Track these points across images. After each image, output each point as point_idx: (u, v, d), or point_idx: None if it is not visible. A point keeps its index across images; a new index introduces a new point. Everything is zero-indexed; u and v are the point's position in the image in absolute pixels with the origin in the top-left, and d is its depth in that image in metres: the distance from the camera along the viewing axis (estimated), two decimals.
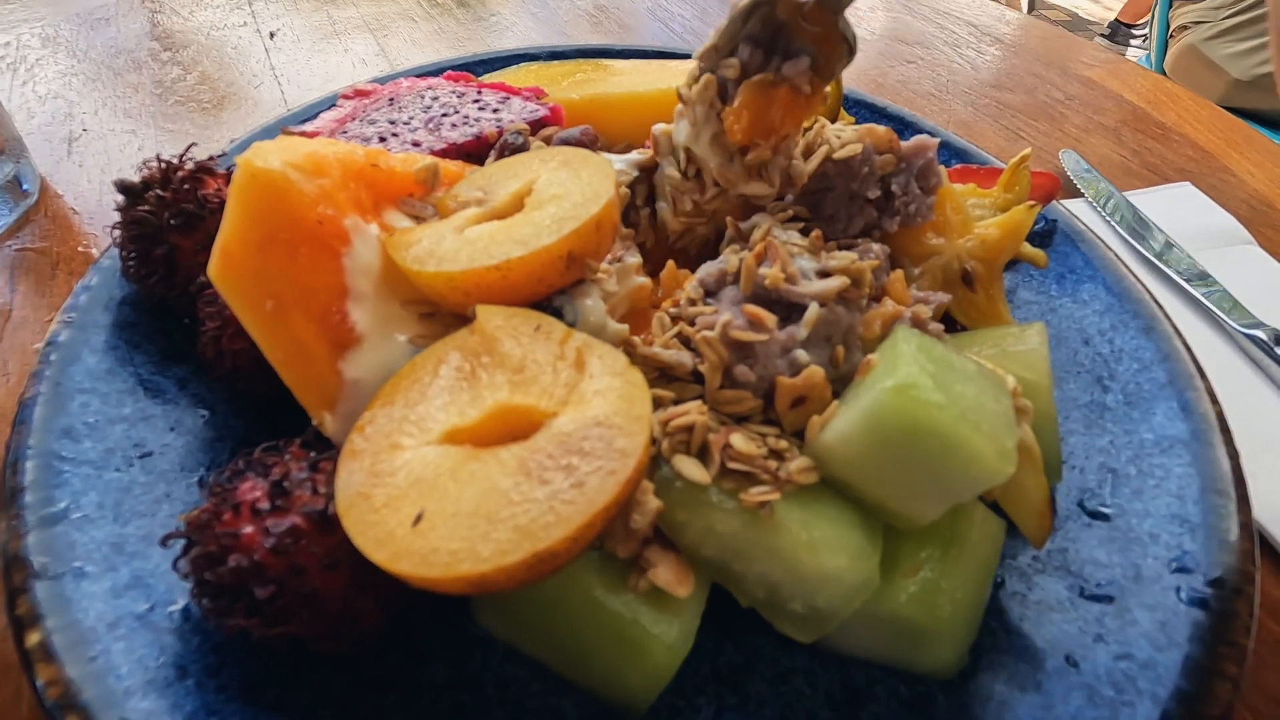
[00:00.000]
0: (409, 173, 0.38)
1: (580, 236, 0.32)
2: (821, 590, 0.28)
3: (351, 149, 0.36)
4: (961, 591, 0.29)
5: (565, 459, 0.25)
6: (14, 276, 0.54)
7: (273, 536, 0.26)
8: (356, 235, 0.34)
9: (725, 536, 0.29)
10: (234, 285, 0.32)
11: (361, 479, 0.26)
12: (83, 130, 0.69)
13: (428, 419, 0.27)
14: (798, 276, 0.35)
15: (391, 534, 0.24)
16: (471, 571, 0.23)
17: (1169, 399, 0.42)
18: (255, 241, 0.31)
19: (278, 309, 0.32)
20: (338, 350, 0.34)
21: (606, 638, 0.28)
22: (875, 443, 0.28)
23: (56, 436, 0.35)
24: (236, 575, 0.26)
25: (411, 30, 0.90)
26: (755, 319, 0.33)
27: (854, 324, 0.35)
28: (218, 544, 0.26)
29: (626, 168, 0.42)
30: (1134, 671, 0.30)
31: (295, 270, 0.32)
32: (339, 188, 0.34)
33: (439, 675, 0.32)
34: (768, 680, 0.32)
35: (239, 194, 0.31)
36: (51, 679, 0.27)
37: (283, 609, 0.26)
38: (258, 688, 0.29)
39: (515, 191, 0.35)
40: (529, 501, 0.24)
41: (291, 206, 0.32)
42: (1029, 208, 0.43)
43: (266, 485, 0.28)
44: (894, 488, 0.29)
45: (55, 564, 0.30)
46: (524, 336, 0.29)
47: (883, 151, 0.43)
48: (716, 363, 0.33)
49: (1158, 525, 0.36)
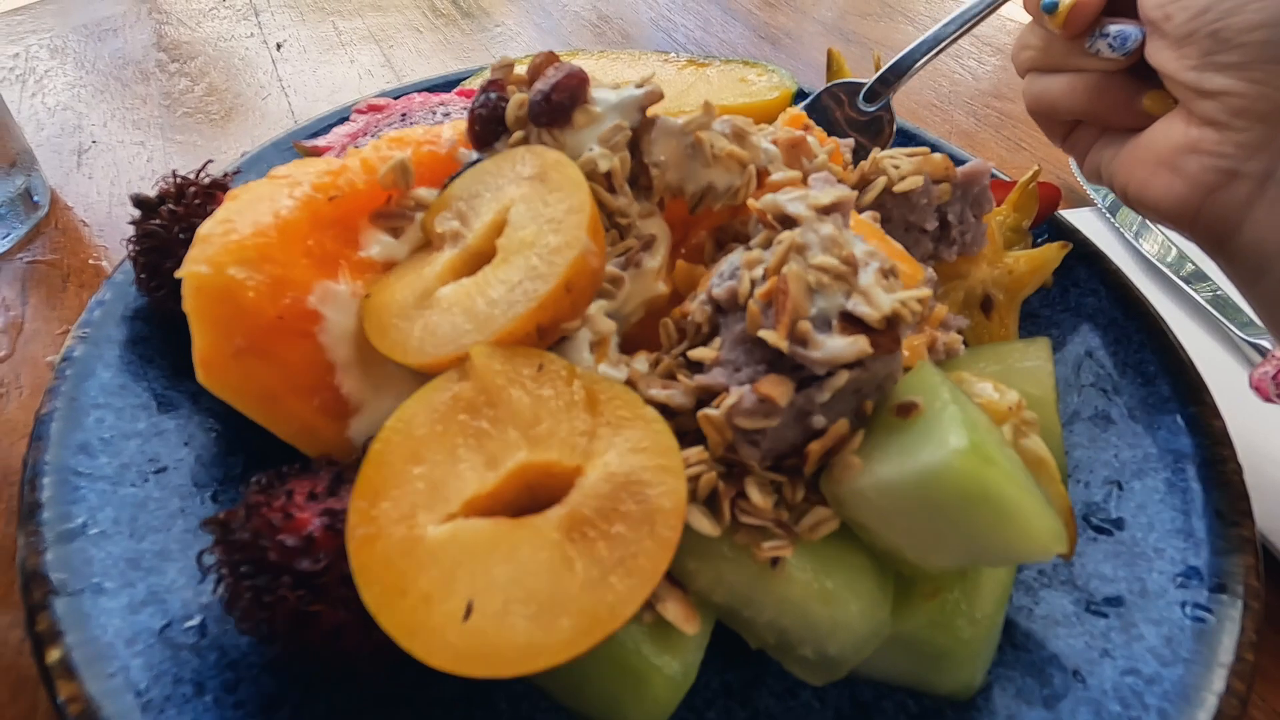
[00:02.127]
0: (374, 181, 0.36)
1: (545, 309, 0.29)
2: (833, 638, 0.28)
3: (295, 196, 0.33)
4: (981, 612, 0.29)
5: (610, 527, 0.25)
6: (25, 289, 0.55)
7: (329, 515, 0.26)
8: (327, 306, 0.33)
9: (735, 586, 0.29)
10: (224, 389, 0.32)
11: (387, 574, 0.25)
12: (92, 142, 0.69)
13: (443, 489, 0.27)
14: (810, 335, 0.27)
15: (442, 634, 0.24)
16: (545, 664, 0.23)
17: (1173, 413, 0.42)
18: (228, 352, 0.31)
19: (271, 400, 0.32)
20: (339, 420, 0.33)
21: (608, 667, 0.28)
22: (924, 500, 0.26)
23: (73, 452, 0.35)
24: (285, 551, 0.26)
25: (417, 41, 0.91)
26: (768, 400, 0.27)
27: (893, 373, 0.30)
28: (267, 525, 0.27)
29: (619, 122, 0.36)
30: (1140, 687, 0.31)
31: (274, 366, 0.32)
32: (292, 261, 0.32)
33: (450, 692, 0.32)
34: (776, 695, 0.32)
35: (195, 310, 0.30)
36: (72, 695, 0.27)
37: (326, 586, 0.26)
38: (274, 704, 0.30)
39: (490, 223, 0.33)
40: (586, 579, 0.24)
41: (246, 311, 0.30)
42: (1060, 246, 0.43)
43: (327, 477, 0.28)
44: (921, 540, 0.28)
45: (74, 580, 0.30)
46: (529, 381, 0.29)
47: (939, 180, 0.42)
48: (719, 441, 0.29)
49: (1162, 539, 0.37)
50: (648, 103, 0.36)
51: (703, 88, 0.57)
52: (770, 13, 1.06)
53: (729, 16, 1.04)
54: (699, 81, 0.58)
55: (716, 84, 0.57)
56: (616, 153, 0.36)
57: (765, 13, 1.06)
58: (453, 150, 0.39)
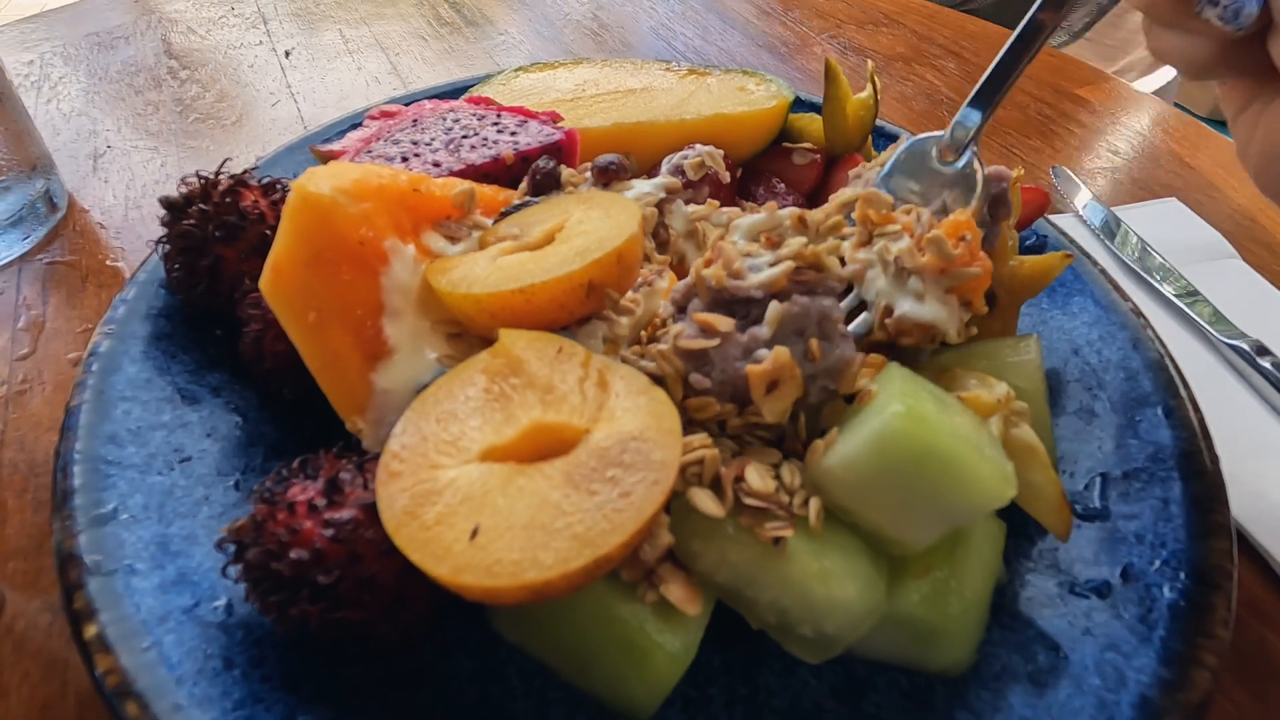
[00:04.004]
0: (447, 196, 0.40)
1: (601, 267, 0.34)
2: (830, 617, 0.30)
3: (396, 174, 0.38)
4: (970, 590, 0.31)
5: (608, 471, 0.27)
6: (46, 289, 0.56)
7: (332, 527, 0.28)
8: (394, 256, 0.36)
9: (738, 566, 0.31)
10: (281, 297, 0.34)
11: (407, 500, 0.27)
12: (107, 147, 0.71)
13: (464, 439, 0.29)
14: (744, 271, 0.34)
15: (449, 549, 0.26)
16: (536, 579, 0.25)
17: (1154, 407, 0.44)
18: (303, 259, 0.34)
19: (319, 321, 0.35)
20: (370, 361, 0.36)
21: (613, 644, 0.30)
22: (881, 466, 0.30)
23: (102, 442, 0.37)
24: (298, 566, 0.28)
25: (422, 49, 0.93)
26: (705, 325, 0.33)
27: (828, 312, 0.34)
28: (276, 541, 0.28)
29: (654, 190, 0.45)
30: (1119, 662, 0.32)
31: (337, 286, 0.35)
32: (381, 212, 0.36)
33: (465, 668, 0.33)
34: (776, 672, 0.34)
35: (291, 215, 0.34)
36: (109, 668, 0.29)
37: (344, 594, 0.28)
38: (299, 679, 0.31)
39: (548, 229, 0.38)
40: (581, 512, 0.26)
41: (337, 228, 0.34)
42: (1063, 256, 0.45)
43: (320, 484, 0.30)
44: (894, 513, 0.30)
45: (107, 561, 0.32)
46: (548, 358, 0.31)
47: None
48: (673, 374, 0.33)
49: (1143, 526, 0.38)
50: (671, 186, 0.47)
51: (702, 96, 0.59)
52: (768, 22, 1.09)
53: (728, 25, 1.06)
54: (699, 90, 0.60)
55: (716, 93, 0.59)
56: (648, 207, 0.45)
57: (763, 22, 1.09)
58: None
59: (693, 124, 0.56)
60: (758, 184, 0.58)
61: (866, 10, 1.13)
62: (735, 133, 0.57)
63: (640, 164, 0.55)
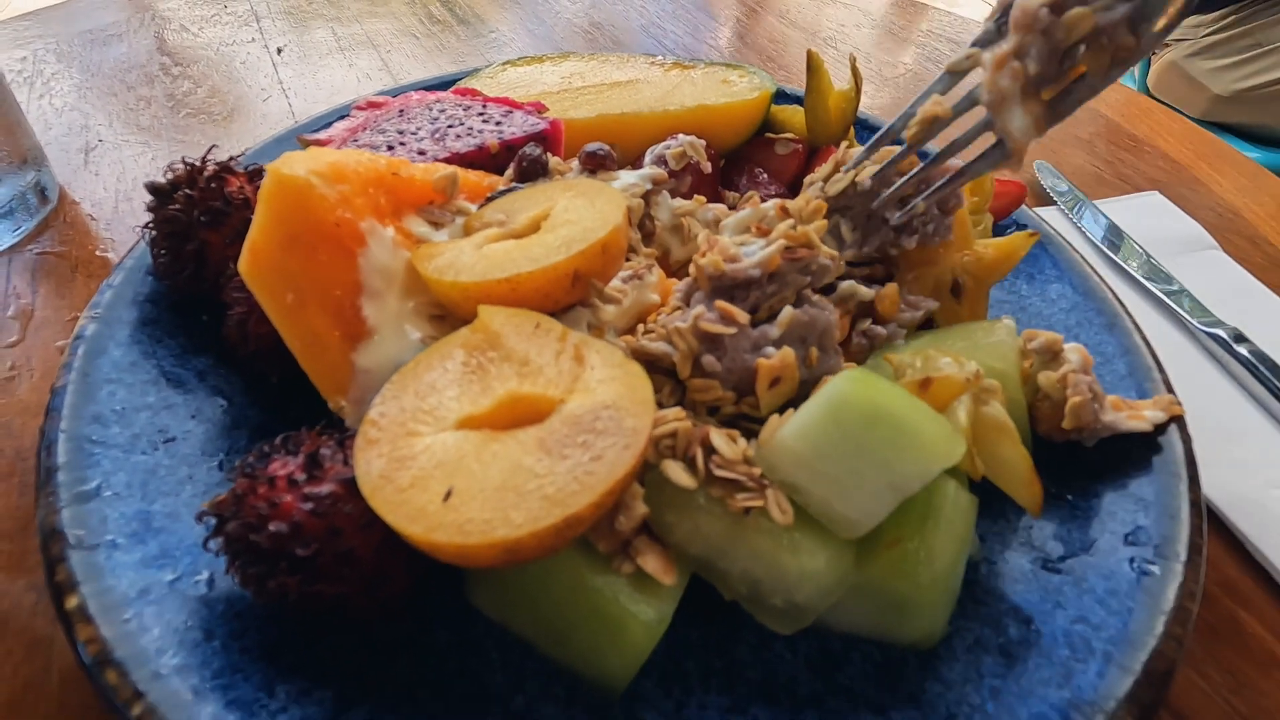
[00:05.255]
0: (429, 181, 0.41)
1: (586, 257, 0.35)
2: (800, 587, 0.31)
3: (375, 158, 0.39)
4: (940, 561, 0.31)
5: (581, 437, 0.28)
6: (35, 279, 0.57)
7: (311, 501, 0.28)
8: (372, 237, 0.37)
9: (711, 536, 0.31)
10: (260, 279, 0.34)
11: (383, 464, 0.28)
12: (98, 141, 0.72)
13: (441, 408, 0.30)
14: (739, 256, 0.37)
15: (423, 510, 0.26)
16: (507, 537, 0.25)
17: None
18: (279, 241, 0.34)
19: (297, 302, 0.35)
20: (350, 342, 0.36)
21: (588, 615, 0.30)
22: (832, 431, 0.30)
23: (86, 422, 0.37)
24: (277, 539, 0.28)
25: (414, 46, 0.94)
26: (726, 314, 0.36)
27: (830, 327, 0.37)
28: (255, 514, 0.29)
29: (640, 181, 0.45)
30: (1088, 633, 0.33)
31: (314, 267, 0.35)
32: (358, 193, 0.36)
33: (444, 640, 0.34)
34: (751, 646, 0.35)
35: (267, 198, 0.34)
36: (89, 638, 0.29)
37: (322, 567, 0.28)
38: (277, 650, 0.31)
39: (534, 216, 0.39)
40: (553, 474, 0.27)
41: (312, 210, 0.34)
42: (1028, 235, 0.46)
43: (300, 459, 0.30)
44: (844, 483, 0.30)
45: (89, 536, 0.32)
46: (526, 333, 0.32)
47: (902, 173, 0.45)
48: (686, 352, 0.36)
49: (1114, 503, 0.39)
50: (658, 178, 0.47)
51: (686, 88, 0.60)
52: (754, 19, 1.10)
53: (716, 23, 1.07)
54: (683, 82, 0.61)
55: (700, 85, 0.60)
56: (634, 198, 0.45)
57: (750, 20, 1.10)
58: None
59: (676, 115, 0.57)
60: (740, 174, 0.58)
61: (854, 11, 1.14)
62: (718, 123, 0.57)
63: (624, 155, 0.56)
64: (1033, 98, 0.37)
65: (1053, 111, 0.36)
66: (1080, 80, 0.36)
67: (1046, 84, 0.36)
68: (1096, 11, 0.33)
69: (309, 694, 0.30)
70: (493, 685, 0.32)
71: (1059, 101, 0.36)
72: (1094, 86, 0.35)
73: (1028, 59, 0.36)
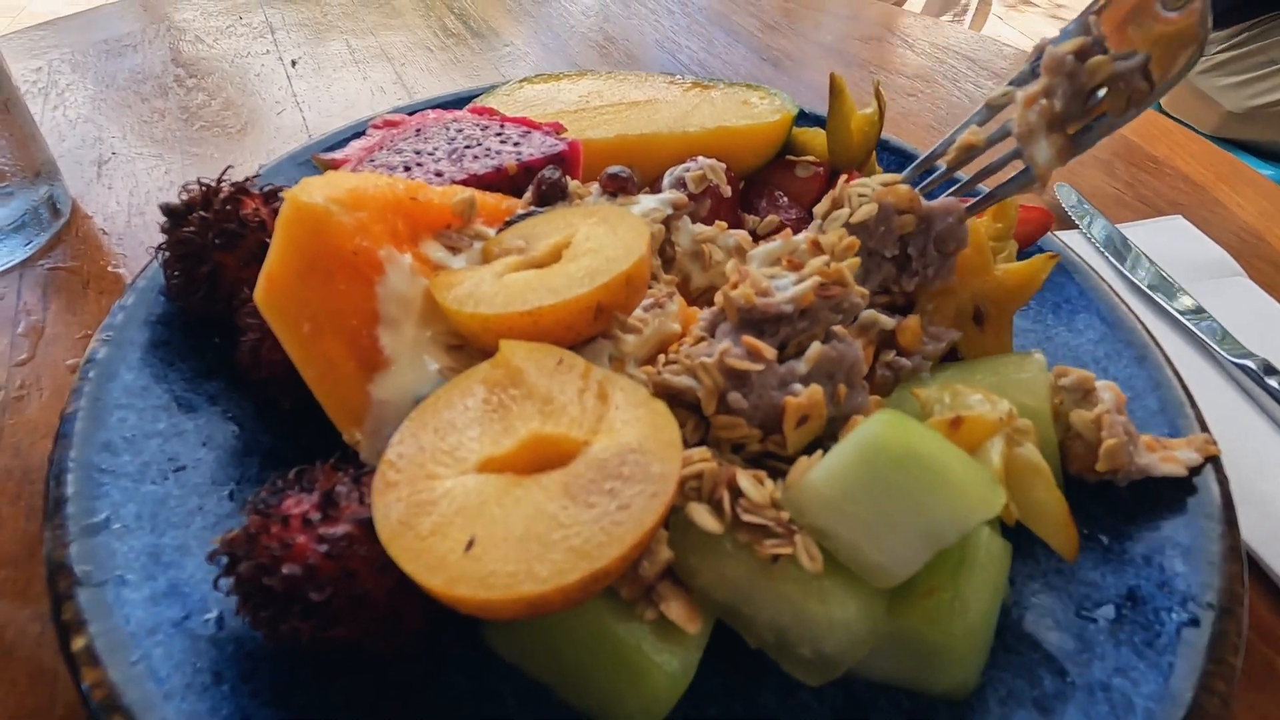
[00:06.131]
0: (446, 205, 0.40)
1: (609, 290, 0.34)
2: (829, 637, 0.29)
3: (393, 182, 0.38)
4: (974, 610, 0.30)
5: (606, 483, 0.27)
6: (46, 294, 0.56)
7: (326, 543, 0.28)
8: (390, 265, 0.36)
9: (737, 582, 0.30)
10: (275, 308, 0.34)
11: (402, 509, 0.27)
12: (111, 154, 0.71)
13: (461, 449, 0.29)
14: (772, 290, 0.36)
15: (444, 560, 0.25)
16: (531, 592, 0.24)
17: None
18: (296, 269, 0.33)
19: (313, 331, 0.34)
20: (367, 372, 0.35)
21: (610, 663, 0.29)
22: (863, 476, 0.29)
23: (96, 450, 0.36)
24: (290, 582, 0.27)
25: (428, 59, 0.93)
26: (753, 349, 0.34)
27: (857, 362, 0.36)
28: (268, 555, 0.28)
29: (661, 206, 0.45)
30: (1127, 688, 0.32)
31: (331, 296, 0.34)
32: (376, 220, 0.36)
33: (459, 683, 0.33)
34: (775, 693, 0.33)
35: (284, 225, 0.33)
36: (96, 681, 0.28)
37: (337, 611, 0.27)
38: (289, 693, 0.30)
39: (555, 243, 0.38)
40: (579, 524, 0.26)
41: (330, 237, 0.34)
42: (1048, 258, 0.45)
43: (316, 498, 0.29)
44: (876, 531, 0.29)
45: (97, 572, 0.32)
46: (548, 369, 0.31)
47: (903, 211, 0.44)
48: (711, 388, 0.34)
49: (1150, 548, 0.38)
50: (679, 202, 0.46)
51: (706, 109, 0.59)
52: (771, 35, 1.09)
53: (732, 39, 1.07)
54: (703, 103, 0.60)
55: (719, 106, 0.59)
56: (655, 224, 0.45)
57: (766, 35, 1.09)
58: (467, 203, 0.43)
59: (696, 136, 0.56)
60: (760, 197, 0.58)
61: (869, 26, 1.14)
62: (739, 146, 0.57)
63: (643, 176, 0.55)
64: (1058, 132, 0.42)
65: (1075, 144, 0.42)
66: (1101, 118, 0.41)
67: (1071, 120, 0.41)
68: (1115, 60, 0.39)
69: None
70: None
71: (1081, 136, 0.42)
72: (1112, 124, 0.41)
73: (1055, 98, 0.41)
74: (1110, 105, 0.40)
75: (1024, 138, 0.42)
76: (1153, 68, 0.39)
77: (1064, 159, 0.42)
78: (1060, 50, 0.41)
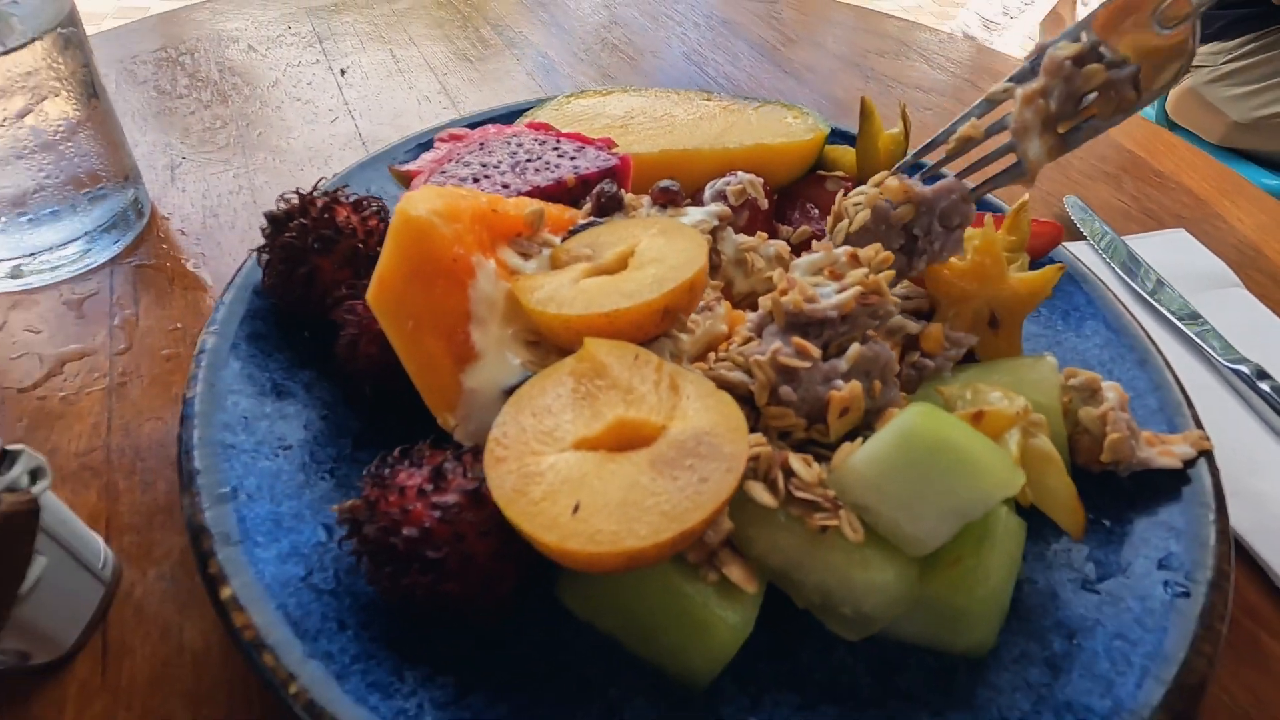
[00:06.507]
0: (520, 215, 0.45)
1: (675, 295, 0.39)
2: (869, 598, 0.34)
3: (476, 195, 0.43)
4: (995, 578, 0.35)
5: (687, 460, 0.32)
6: (136, 289, 0.61)
7: (439, 509, 0.32)
8: (479, 270, 0.41)
9: (789, 551, 0.35)
10: (385, 308, 0.38)
11: (514, 480, 0.32)
12: (182, 159, 0.76)
13: (558, 430, 0.34)
14: (817, 297, 0.41)
15: (555, 520, 0.30)
16: (633, 547, 0.29)
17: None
18: (404, 273, 0.38)
19: (416, 328, 0.39)
20: (460, 364, 0.40)
21: (677, 617, 0.34)
22: (901, 459, 0.34)
23: (218, 429, 0.41)
24: (410, 542, 0.32)
25: (468, 70, 0.98)
26: (801, 349, 0.39)
27: (890, 362, 0.41)
28: (389, 520, 0.33)
29: (708, 218, 0.49)
30: (1126, 649, 0.36)
31: (432, 298, 0.39)
32: (468, 230, 0.40)
33: (539, 636, 0.38)
34: (816, 650, 0.38)
35: (394, 234, 0.38)
36: (244, 624, 0.33)
37: (449, 568, 0.32)
38: (400, 642, 0.35)
39: (620, 252, 0.43)
40: (666, 493, 0.31)
41: (433, 246, 0.39)
42: (1056, 268, 0.49)
43: (426, 472, 0.34)
44: (910, 506, 0.34)
45: (233, 534, 0.36)
46: (628, 363, 0.36)
47: (899, 203, 0.48)
48: (765, 382, 0.39)
49: (1148, 530, 0.42)
50: (723, 215, 0.51)
51: (743, 127, 0.64)
52: (792, 48, 1.14)
53: (756, 52, 1.11)
54: (740, 121, 0.65)
55: (755, 124, 0.64)
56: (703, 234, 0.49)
57: (787, 48, 1.14)
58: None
59: (735, 153, 0.61)
60: (793, 209, 0.62)
61: (889, 41, 1.18)
62: (774, 162, 0.61)
63: (684, 189, 0.60)
64: (1050, 130, 0.46)
65: (1064, 143, 0.46)
66: (1089, 120, 0.45)
67: (1062, 120, 0.45)
68: (1109, 69, 0.43)
69: (433, 680, 0.34)
70: (590, 676, 0.36)
71: (1070, 135, 0.46)
72: (1098, 127, 0.45)
73: (1050, 98, 0.45)
74: (1099, 109, 0.44)
75: (1019, 133, 0.47)
76: (1141, 78, 0.43)
77: (1053, 156, 0.46)
78: (1060, 54, 0.44)
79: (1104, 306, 0.57)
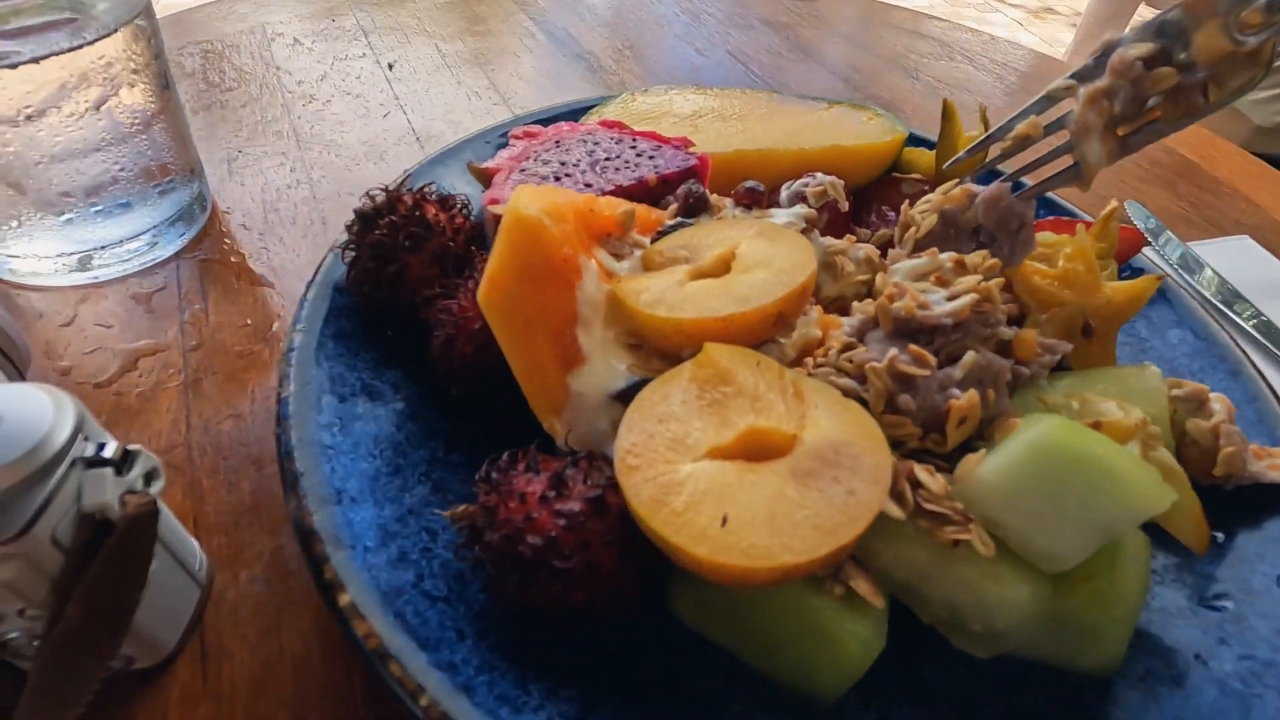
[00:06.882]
0: (612, 215, 0.44)
1: (789, 300, 0.38)
2: (1002, 615, 0.33)
3: (573, 195, 0.42)
4: (1130, 595, 0.34)
5: (830, 472, 0.31)
6: (203, 284, 0.60)
7: (564, 517, 0.31)
8: (585, 270, 0.40)
9: (916, 564, 0.34)
10: (496, 307, 0.38)
11: (652, 489, 0.31)
12: (239, 153, 0.75)
13: (689, 438, 0.33)
14: (930, 304, 0.40)
15: (704, 532, 0.29)
16: (789, 562, 0.28)
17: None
18: (515, 272, 0.37)
19: (525, 328, 0.38)
20: (566, 367, 0.39)
21: (805, 632, 0.33)
22: (1035, 472, 0.33)
23: (315, 430, 0.40)
24: (537, 551, 0.31)
25: (515, 64, 0.97)
26: (918, 357, 0.39)
27: (1002, 370, 0.40)
28: (512, 527, 0.32)
29: (796, 220, 0.48)
30: (1258, 669, 0.35)
31: (542, 297, 0.38)
32: (574, 230, 0.40)
33: (659, 645, 0.37)
34: (936, 667, 0.37)
35: (505, 233, 0.37)
36: (367, 633, 0.32)
37: (577, 578, 0.31)
38: (518, 652, 0.34)
39: (719, 254, 0.42)
40: (815, 506, 0.30)
41: (544, 245, 0.38)
42: (1154, 279, 0.48)
43: (545, 479, 0.33)
44: (1046, 523, 0.33)
45: (344, 539, 0.35)
46: (751, 369, 0.35)
47: (965, 210, 0.48)
48: (881, 390, 0.38)
49: (1261, 546, 0.41)
50: (810, 217, 0.49)
51: (817, 127, 0.63)
52: (828, 48, 1.13)
53: (797, 50, 1.10)
54: (813, 121, 0.64)
55: (830, 125, 0.63)
56: None
57: (825, 48, 1.13)
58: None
59: (811, 154, 0.60)
60: (869, 211, 0.61)
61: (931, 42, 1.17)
62: (850, 163, 0.60)
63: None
64: (1110, 132, 0.44)
65: (1124, 146, 0.44)
66: (1152, 124, 0.43)
67: (1124, 122, 0.43)
68: (1180, 73, 0.41)
69: (557, 693, 0.33)
70: (710, 692, 0.35)
71: (1130, 139, 0.44)
72: (1161, 132, 0.43)
73: (1115, 99, 0.43)
74: (1165, 113, 0.42)
75: (1079, 134, 0.44)
76: (1211, 84, 0.41)
77: (1112, 160, 0.44)
78: (1131, 54, 0.41)
79: (1189, 314, 0.56)
